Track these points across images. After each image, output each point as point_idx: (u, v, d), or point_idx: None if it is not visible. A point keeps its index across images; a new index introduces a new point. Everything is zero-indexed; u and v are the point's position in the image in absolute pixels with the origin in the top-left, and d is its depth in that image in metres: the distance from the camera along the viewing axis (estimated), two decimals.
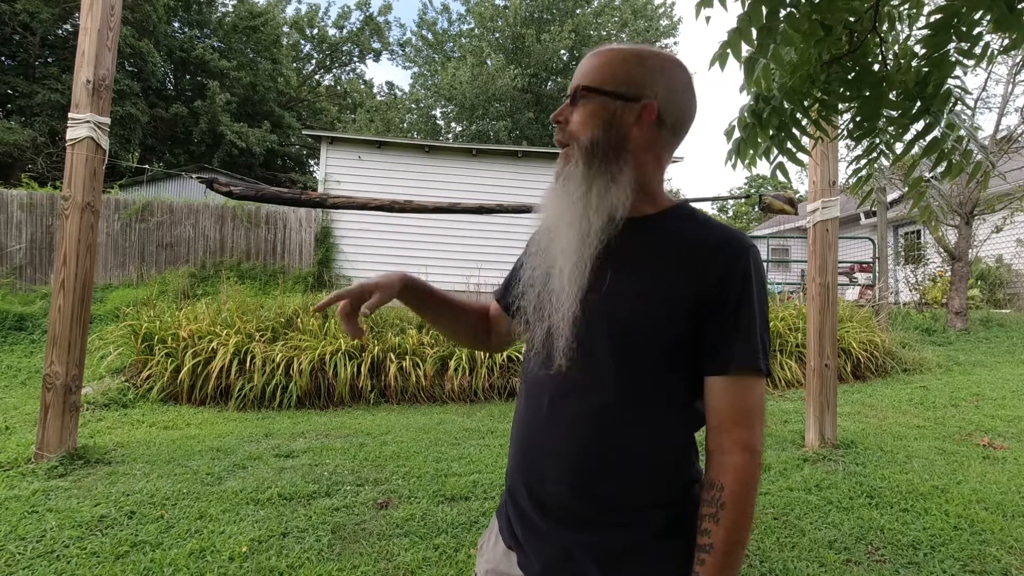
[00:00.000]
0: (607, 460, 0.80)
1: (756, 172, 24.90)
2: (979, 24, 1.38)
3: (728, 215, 35.02)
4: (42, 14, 16.58)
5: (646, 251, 0.83)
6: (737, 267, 0.79)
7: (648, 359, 0.80)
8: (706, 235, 0.82)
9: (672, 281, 0.80)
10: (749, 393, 0.78)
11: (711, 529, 0.75)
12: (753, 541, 2.44)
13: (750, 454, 0.77)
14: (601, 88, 0.84)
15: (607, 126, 0.84)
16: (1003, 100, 8.75)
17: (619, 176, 0.83)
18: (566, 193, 0.84)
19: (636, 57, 0.86)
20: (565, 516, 0.83)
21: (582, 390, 0.82)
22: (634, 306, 0.79)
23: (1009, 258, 11.20)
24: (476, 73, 18.99)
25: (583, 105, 0.85)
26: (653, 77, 0.85)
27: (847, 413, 4.57)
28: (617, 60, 0.86)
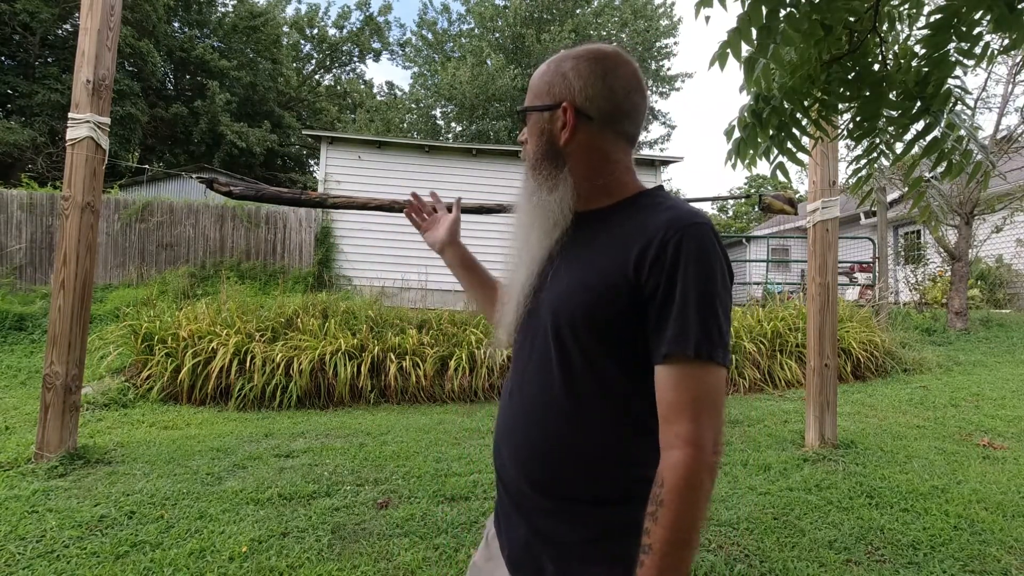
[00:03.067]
0: (550, 449, 0.81)
1: (756, 172, 24.90)
2: (979, 24, 1.38)
3: (728, 215, 35.02)
4: (42, 14, 16.58)
5: (589, 243, 0.84)
6: (668, 249, 0.74)
7: (586, 349, 0.79)
8: (649, 220, 0.79)
9: (605, 268, 0.79)
10: (692, 382, 0.72)
11: (650, 528, 0.71)
12: (753, 541, 2.44)
13: (692, 448, 0.70)
14: (530, 106, 0.90)
15: (541, 138, 0.89)
16: (1003, 100, 8.75)
17: (558, 182, 0.87)
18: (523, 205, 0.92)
19: (553, 65, 0.89)
20: (521, 501, 0.85)
21: (531, 381, 0.85)
22: (570, 297, 0.80)
23: (1009, 258, 11.19)
24: (476, 73, 18.99)
25: (528, 125, 0.92)
26: (567, 79, 0.86)
27: (847, 413, 4.57)
28: (539, 75, 0.90)
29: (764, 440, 3.94)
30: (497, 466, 0.91)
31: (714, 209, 34.52)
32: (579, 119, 0.85)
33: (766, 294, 9.46)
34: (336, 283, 9.86)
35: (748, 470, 3.34)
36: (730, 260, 0.80)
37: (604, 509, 0.79)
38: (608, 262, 0.79)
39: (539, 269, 0.86)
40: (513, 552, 0.86)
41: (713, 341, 0.73)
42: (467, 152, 10.59)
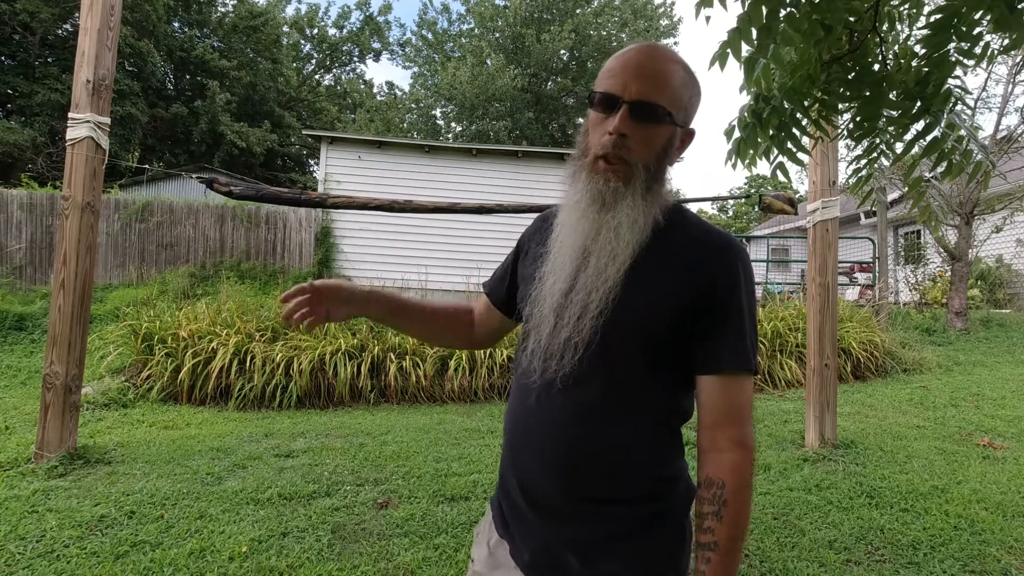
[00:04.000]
0: (589, 456, 0.82)
1: (756, 172, 24.91)
2: (979, 24, 1.38)
3: (728, 215, 35.02)
4: (42, 14, 16.58)
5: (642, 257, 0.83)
6: (728, 271, 0.81)
7: (636, 360, 0.82)
8: (700, 239, 0.84)
9: (665, 286, 0.82)
10: (741, 391, 0.80)
11: (714, 527, 0.76)
12: (753, 541, 2.44)
13: (745, 450, 0.78)
14: (673, 114, 0.83)
15: (666, 151, 0.85)
16: (1003, 100, 8.75)
17: (659, 199, 0.85)
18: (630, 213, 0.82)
19: (693, 80, 0.86)
20: (550, 510, 0.86)
21: (569, 388, 0.83)
22: (626, 311, 0.81)
23: (1009, 258, 11.20)
24: (476, 73, 18.99)
25: (658, 126, 0.82)
26: (695, 104, 0.87)
27: (847, 413, 4.57)
28: (682, 83, 0.84)
29: (764, 440, 3.94)
30: (516, 476, 0.89)
31: (714, 209, 34.53)
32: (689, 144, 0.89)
33: (766, 294, 9.46)
34: None
35: None
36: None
37: (630, 507, 0.82)
38: (666, 277, 0.82)
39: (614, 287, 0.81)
40: (535, 558, 0.86)
41: (756, 355, 0.82)
42: (467, 152, 10.59)
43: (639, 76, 0.81)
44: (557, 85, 21.19)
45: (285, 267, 9.96)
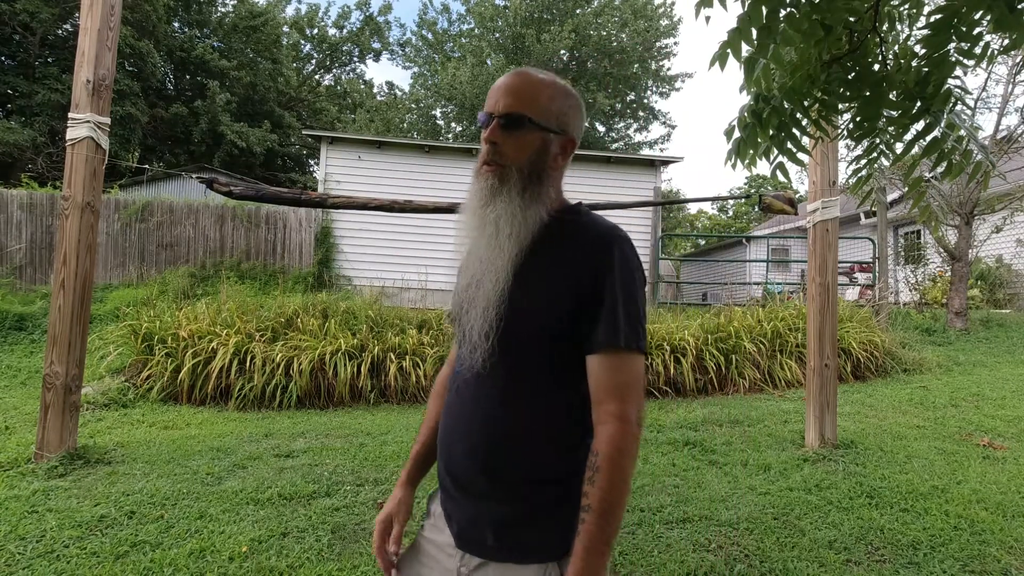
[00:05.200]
0: (501, 441, 0.91)
1: (756, 172, 24.90)
2: (979, 24, 1.38)
3: (728, 215, 35.02)
4: (42, 14, 16.58)
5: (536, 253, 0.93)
6: (605, 258, 0.89)
7: (536, 350, 0.91)
8: (585, 233, 0.94)
9: (557, 280, 0.91)
10: (619, 369, 0.87)
11: (589, 491, 0.83)
12: (753, 541, 2.44)
13: (621, 423, 0.84)
14: (539, 122, 0.95)
15: (540, 155, 0.96)
16: (1003, 100, 8.75)
17: (544, 197, 0.96)
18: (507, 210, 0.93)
19: (564, 94, 0.98)
20: (471, 489, 0.94)
21: (483, 377, 0.93)
22: (527, 303, 0.90)
23: (1009, 258, 11.19)
24: (476, 73, 18.99)
25: (524, 132, 0.94)
26: (574, 115, 0.99)
27: (847, 413, 4.57)
28: (551, 96, 0.97)
29: (764, 440, 3.94)
30: (445, 458, 0.99)
31: (714, 209, 34.53)
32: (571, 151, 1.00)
33: (766, 294, 9.46)
34: (336, 283, 9.85)
35: (748, 470, 3.34)
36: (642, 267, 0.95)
37: (541, 487, 0.90)
38: (555, 269, 0.92)
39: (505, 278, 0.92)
40: (462, 530, 0.96)
41: (633, 334, 0.87)
42: (467, 152, 10.59)
43: (506, 94, 0.95)
44: None
45: (285, 267, 9.97)
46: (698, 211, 34.36)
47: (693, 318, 6.69)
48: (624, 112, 22.83)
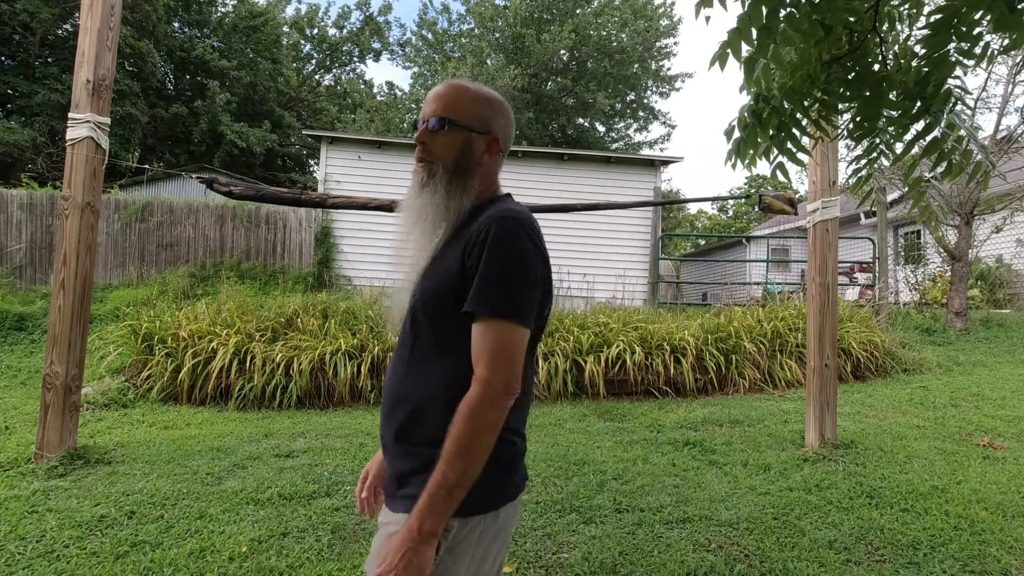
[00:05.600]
0: (403, 405, 1.02)
1: (756, 172, 24.88)
2: (979, 24, 1.38)
3: (728, 215, 35.02)
4: (42, 14, 16.57)
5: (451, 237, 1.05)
6: (487, 235, 0.96)
7: (433, 323, 1.01)
8: (482, 217, 1.01)
9: (453, 259, 1.00)
10: (486, 335, 0.93)
11: (445, 442, 0.91)
12: (753, 541, 2.44)
13: (482, 386, 0.91)
14: (462, 122, 1.08)
15: (464, 152, 1.08)
16: (1003, 100, 8.75)
17: (469, 189, 1.08)
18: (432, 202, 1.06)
19: (487, 99, 1.12)
20: (385, 447, 1.07)
21: (398, 348, 1.08)
22: (428, 281, 1.01)
23: (1009, 258, 11.19)
24: (476, 73, 18.97)
25: (448, 133, 1.08)
26: (497, 117, 1.12)
27: (847, 413, 4.57)
28: (472, 100, 1.10)
29: (764, 440, 3.94)
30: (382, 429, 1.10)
31: (714, 209, 34.53)
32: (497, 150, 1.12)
33: (766, 294, 9.46)
34: (336, 283, 9.85)
35: (748, 470, 3.34)
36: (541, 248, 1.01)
37: (435, 447, 0.94)
38: (454, 252, 1.01)
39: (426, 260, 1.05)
40: (385, 484, 1.09)
41: (501, 304, 0.94)
42: None
43: (433, 101, 1.10)
44: (557, 85, 21.17)
45: (285, 267, 9.96)
46: (698, 211, 34.36)
47: (693, 318, 6.69)
48: (624, 112, 22.82)
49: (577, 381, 5.56)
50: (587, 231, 10.37)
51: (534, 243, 0.99)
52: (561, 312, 6.46)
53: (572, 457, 3.57)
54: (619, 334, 5.91)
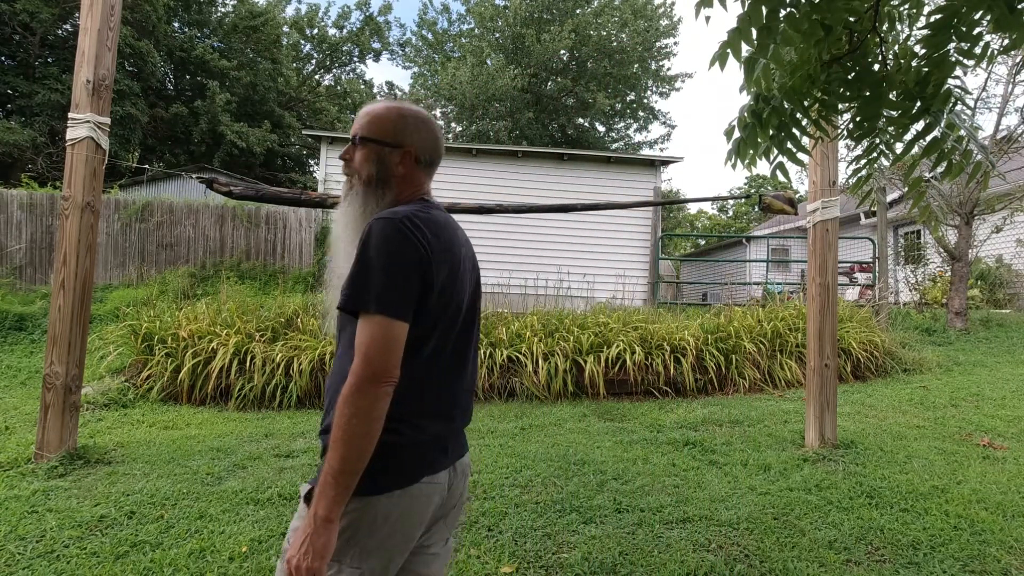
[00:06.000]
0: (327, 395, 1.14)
1: (756, 172, 24.87)
2: (979, 24, 1.38)
3: (728, 215, 35.02)
4: (42, 14, 16.57)
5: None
6: (362, 237, 1.05)
7: (344, 321, 1.11)
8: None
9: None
10: (361, 329, 1.00)
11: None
12: (753, 541, 2.44)
13: (352, 376, 0.98)
14: (374, 138, 1.19)
15: (378, 165, 1.19)
16: (1003, 100, 8.75)
17: (383, 199, 1.19)
18: (351, 211, 1.20)
19: (398, 116, 1.21)
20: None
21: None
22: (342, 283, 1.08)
23: (1009, 258, 11.19)
24: (476, 73, 18.98)
25: (363, 148, 1.20)
26: (411, 131, 1.21)
27: (847, 413, 4.57)
28: (382, 118, 1.21)
29: (764, 440, 3.94)
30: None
31: (714, 209, 34.53)
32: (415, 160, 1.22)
33: (766, 294, 9.46)
34: None
35: (748, 470, 3.34)
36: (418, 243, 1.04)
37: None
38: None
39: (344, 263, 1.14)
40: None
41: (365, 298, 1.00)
42: (467, 152, 10.58)
43: (355, 123, 1.22)
44: (557, 85, 21.17)
45: (285, 267, 9.96)
46: (698, 211, 34.36)
47: (693, 318, 6.69)
48: (624, 112, 22.82)
49: (577, 381, 5.56)
50: (587, 231, 10.36)
51: (407, 239, 1.03)
52: (561, 312, 6.46)
53: (572, 457, 3.57)
54: (619, 334, 5.91)
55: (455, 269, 1.13)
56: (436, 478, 1.12)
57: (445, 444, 1.16)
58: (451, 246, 1.13)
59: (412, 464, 1.09)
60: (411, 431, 1.09)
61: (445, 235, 1.12)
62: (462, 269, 1.16)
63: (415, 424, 1.09)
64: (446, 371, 1.15)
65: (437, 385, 1.13)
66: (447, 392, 1.16)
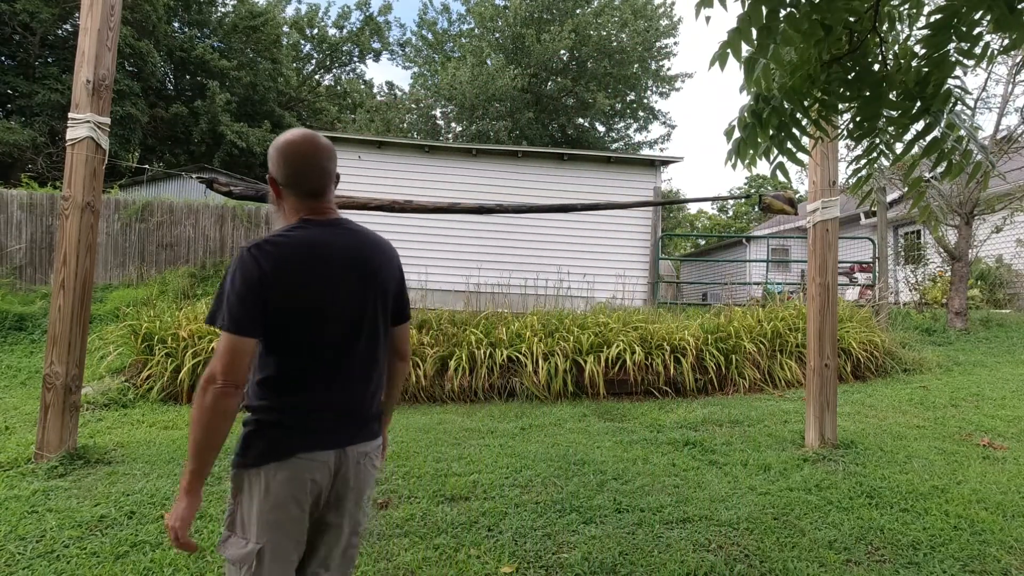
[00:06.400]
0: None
1: (756, 172, 24.86)
2: (979, 24, 1.38)
3: (728, 215, 35.02)
4: (42, 14, 16.57)
5: None
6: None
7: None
8: None
9: None
10: (219, 341, 1.23)
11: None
12: (753, 541, 2.44)
13: (202, 381, 1.20)
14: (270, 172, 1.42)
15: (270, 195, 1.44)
16: (1003, 100, 8.75)
17: (279, 224, 1.40)
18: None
19: (272, 148, 1.40)
20: None
21: None
22: None
23: (1009, 258, 11.19)
24: (476, 73, 18.97)
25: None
26: (274, 162, 1.39)
27: (847, 413, 4.57)
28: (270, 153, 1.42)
29: (764, 440, 3.94)
30: None
31: (714, 209, 34.53)
32: (277, 185, 1.40)
33: (766, 294, 9.46)
34: None
35: (748, 470, 3.34)
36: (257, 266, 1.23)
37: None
38: None
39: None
40: None
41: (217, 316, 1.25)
42: (467, 152, 10.58)
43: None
44: (557, 85, 21.17)
45: None
46: (698, 211, 34.36)
47: (693, 318, 6.69)
48: (624, 112, 22.81)
49: (577, 381, 5.56)
50: (587, 231, 10.36)
51: (249, 265, 1.23)
52: (561, 312, 6.46)
53: (572, 457, 3.57)
54: (619, 334, 5.91)
55: (318, 279, 1.29)
56: (314, 456, 1.28)
57: (328, 429, 1.31)
58: (310, 261, 1.29)
59: (287, 443, 1.27)
60: (287, 416, 1.28)
61: (302, 252, 1.29)
62: (332, 277, 1.31)
63: (291, 410, 1.28)
64: (326, 366, 1.30)
65: (313, 378, 1.29)
66: (327, 385, 1.31)
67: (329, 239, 1.34)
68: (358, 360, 1.35)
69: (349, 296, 1.33)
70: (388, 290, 1.43)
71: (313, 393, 1.30)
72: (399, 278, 1.50)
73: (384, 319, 1.42)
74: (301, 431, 1.28)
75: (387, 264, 1.44)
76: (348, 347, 1.33)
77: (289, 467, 1.25)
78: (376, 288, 1.39)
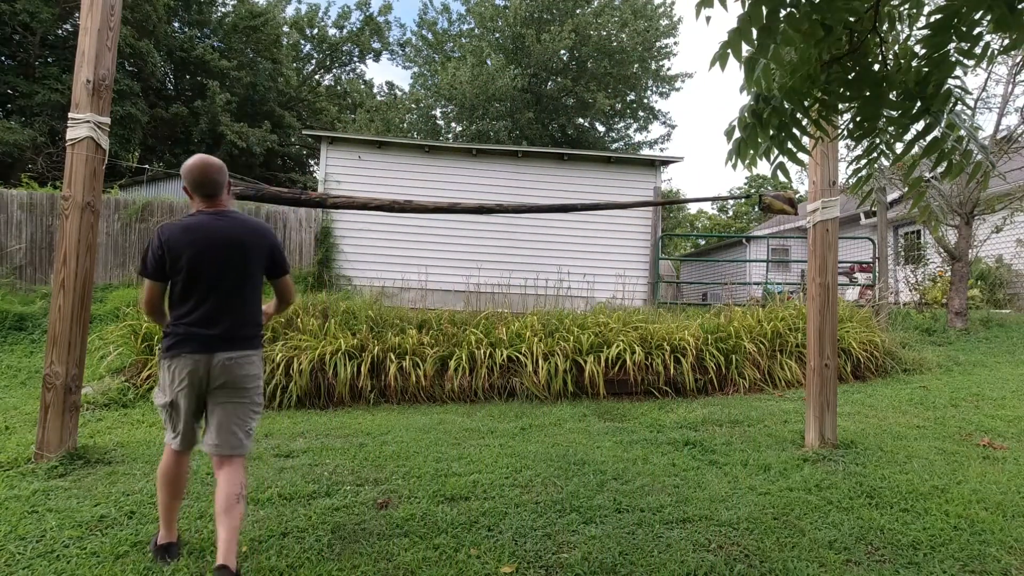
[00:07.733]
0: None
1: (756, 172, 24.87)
2: (979, 24, 1.38)
3: (728, 215, 35.02)
4: (42, 14, 16.57)
5: None
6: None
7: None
8: None
9: None
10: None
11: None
12: (753, 541, 2.44)
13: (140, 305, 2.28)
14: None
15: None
16: (1003, 100, 8.74)
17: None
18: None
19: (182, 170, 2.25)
20: None
21: None
22: None
23: (1009, 258, 11.19)
24: (476, 73, 18.97)
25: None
26: (182, 176, 2.19)
27: (847, 413, 4.57)
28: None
29: (764, 440, 3.94)
30: None
31: (714, 209, 34.53)
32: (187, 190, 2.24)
33: (766, 294, 9.46)
34: (336, 283, 9.85)
35: (748, 470, 3.34)
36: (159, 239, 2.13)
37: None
38: None
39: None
40: None
41: (143, 270, 2.16)
42: (467, 152, 10.58)
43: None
44: (557, 85, 21.16)
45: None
46: (698, 211, 34.36)
47: (693, 318, 6.69)
48: (624, 112, 22.81)
49: (577, 381, 5.56)
50: (587, 231, 10.37)
51: (156, 237, 2.13)
52: (561, 312, 6.46)
53: (572, 457, 3.57)
54: (619, 334, 5.91)
55: (199, 249, 2.12)
56: (192, 356, 2.11)
57: (201, 341, 2.12)
58: (195, 237, 2.12)
59: (178, 346, 2.12)
60: (177, 331, 2.14)
61: (191, 231, 2.13)
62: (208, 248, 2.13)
63: (178, 328, 2.14)
64: (198, 301, 2.14)
65: (192, 310, 2.13)
66: (201, 314, 2.13)
67: (209, 223, 2.16)
68: (224, 301, 2.16)
69: (216, 259, 2.13)
70: (254, 256, 2.24)
71: (192, 319, 2.13)
72: (268, 247, 2.30)
73: (250, 275, 2.24)
74: (185, 340, 2.12)
75: (256, 240, 2.24)
76: (216, 292, 2.14)
77: (179, 360, 2.11)
78: (243, 255, 2.19)
